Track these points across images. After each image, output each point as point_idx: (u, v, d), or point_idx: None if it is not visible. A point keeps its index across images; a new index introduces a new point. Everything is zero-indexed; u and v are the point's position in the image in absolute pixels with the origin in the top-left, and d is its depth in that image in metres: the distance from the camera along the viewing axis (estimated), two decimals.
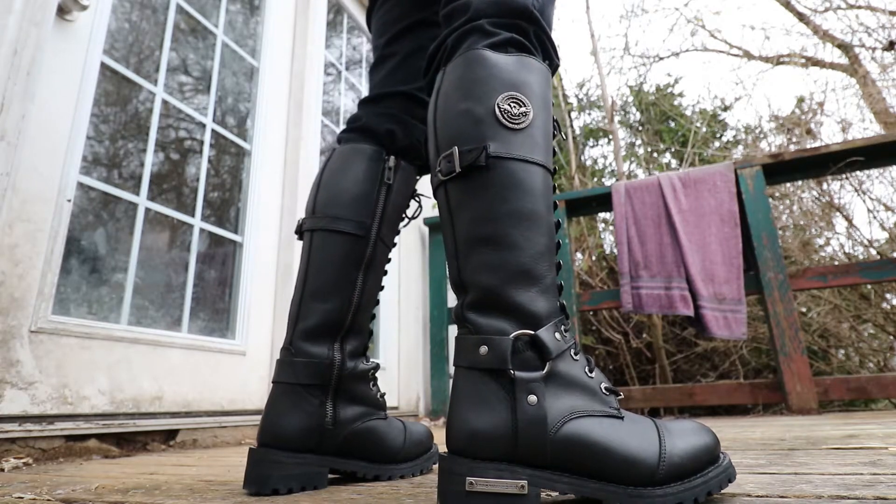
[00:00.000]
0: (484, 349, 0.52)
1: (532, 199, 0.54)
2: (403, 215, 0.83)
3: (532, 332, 0.51)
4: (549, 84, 0.60)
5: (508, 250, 0.53)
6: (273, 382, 0.73)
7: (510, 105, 0.56)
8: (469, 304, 0.55)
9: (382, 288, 0.81)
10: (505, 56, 0.58)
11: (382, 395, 0.79)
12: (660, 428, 0.51)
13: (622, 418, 0.51)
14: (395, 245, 0.82)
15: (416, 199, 0.85)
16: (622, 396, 0.54)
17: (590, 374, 0.53)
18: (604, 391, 0.53)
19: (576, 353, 0.54)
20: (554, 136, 0.61)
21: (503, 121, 0.55)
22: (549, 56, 0.64)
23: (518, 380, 0.50)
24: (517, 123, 0.55)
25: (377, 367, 0.79)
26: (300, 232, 0.79)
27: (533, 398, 0.50)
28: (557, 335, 0.53)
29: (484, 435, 0.50)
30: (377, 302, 0.80)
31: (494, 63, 0.57)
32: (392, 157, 0.79)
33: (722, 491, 0.53)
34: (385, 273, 0.81)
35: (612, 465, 0.48)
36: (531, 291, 0.53)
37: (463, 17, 0.63)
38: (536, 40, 0.63)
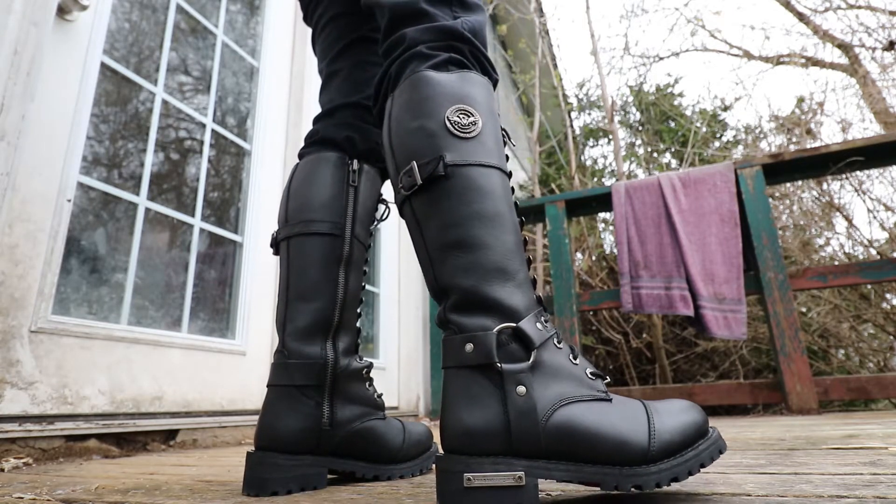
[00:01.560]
0: (469, 346, 0.53)
1: (494, 201, 0.57)
2: (373, 218, 0.85)
3: (514, 325, 0.53)
4: (492, 95, 0.64)
5: (480, 250, 0.55)
6: (268, 386, 0.73)
7: (459, 117, 0.59)
8: (451, 306, 0.56)
9: (363, 288, 0.81)
10: (447, 74, 0.62)
11: (380, 396, 0.80)
12: (648, 407, 0.53)
13: (610, 401, 0.53)
14: (370, 246, 0.83)
15: (383, 202, 0.87)
16: (608, 380, 0.55)
17: (574, 361, 0.55)
18: (589, 376, 0.54)
19: (559, 342, 0.55)
20: (504, 143, 0.63)
21: (455, 131, 0.58)
22: (487, 72, 0.68)
23: (506, 372, 0.51)
24: (468, 133, 0.58)
25: (371, 365, 0.79)
26: (276, 244, 0.80)
27: (522, 389, 0.51)
28: (539, 325, 0.54)
29: (477, 431, 0.51)
30: (361, 301, 0.81)
31: (438, 81, 0.60)
32: (355, 161, 0.82)
33: (719, 487, 0.53)
34: (364, 273, 0.82)
35: (605, 447, 0.49)
36: (507, 287, 0.55)
37: (401, 46, 0.66)
38: (473, 58, 0.66)
